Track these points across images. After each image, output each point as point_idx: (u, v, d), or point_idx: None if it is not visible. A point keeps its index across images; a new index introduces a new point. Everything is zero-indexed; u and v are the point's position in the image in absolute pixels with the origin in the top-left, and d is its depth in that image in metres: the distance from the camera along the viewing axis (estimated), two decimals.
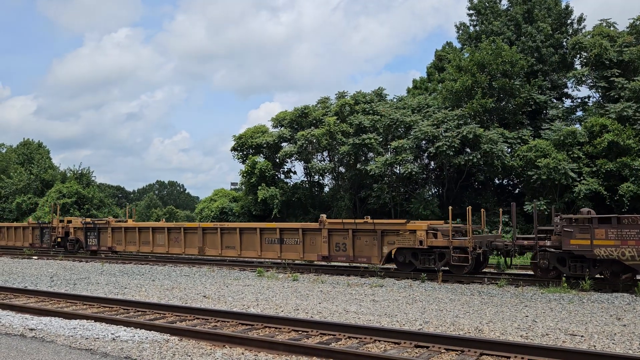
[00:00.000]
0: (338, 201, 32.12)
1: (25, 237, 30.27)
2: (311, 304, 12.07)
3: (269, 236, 20.30)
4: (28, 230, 30.25)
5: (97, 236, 26.20)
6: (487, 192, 29.59)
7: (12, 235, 31.21)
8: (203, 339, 8.60)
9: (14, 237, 31.09)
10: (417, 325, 9.77)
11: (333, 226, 18.83)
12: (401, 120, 30.37)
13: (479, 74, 29.69)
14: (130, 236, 25.00)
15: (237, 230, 21.16)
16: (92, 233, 26.47)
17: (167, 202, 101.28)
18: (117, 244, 25.42)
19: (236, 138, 36.68)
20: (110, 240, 25.60)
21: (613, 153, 25.27)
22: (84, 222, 26.94)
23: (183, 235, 22.76)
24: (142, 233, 24.54)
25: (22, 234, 30.54)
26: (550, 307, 11.67)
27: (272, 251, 20.21)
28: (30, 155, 62.57)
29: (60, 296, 12.96)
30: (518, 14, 34.88)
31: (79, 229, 27.24)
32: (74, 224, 27.62)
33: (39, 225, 29.90)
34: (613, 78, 27.71)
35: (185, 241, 22.77)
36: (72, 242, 27.67)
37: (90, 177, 50.88)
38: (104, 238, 26.02)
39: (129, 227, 25.30)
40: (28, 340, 8.72)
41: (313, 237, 19.24)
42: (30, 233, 29.94)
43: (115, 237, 25.51)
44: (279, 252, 19.93)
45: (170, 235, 23.33)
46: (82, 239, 26.85)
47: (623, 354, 7.29)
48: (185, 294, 13.74)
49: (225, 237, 21.53)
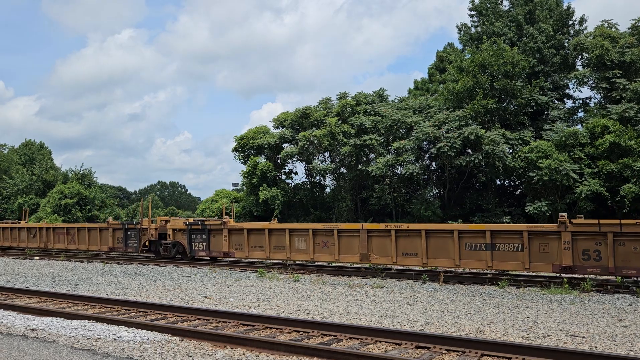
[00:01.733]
0: (339, 202, 32.13)
1: (104, 239, 26.33)
2: (312, 305, 12.08)
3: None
4: (107, 232, 26.21)
5: (206, 239, 22.30)
6: (488, 193, 29.57)
7: (85, 237, 27.09)
8: (204, 339, 8.61)
9: (87, 240, 26.97)
10: (418, 326, 9.77)
11: (580, 228, 14.82)
12: (402, 121, 30.38)
13: (481, 75, 29.69)
14: (256, 239, 20.84)
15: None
16: (200, 235, 22.65)
17: (168, 202, 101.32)
18: (236, 249, 21.37)
19: (237, 139, 36.72)
20: (227, 244, 21.59)
21: (615, 154, 25.24)
22: (189, 223, 23.06)
23: (337, 239, 18.56)
24: (273, 236, 20.37)
25: (98, 236, 26.51)
26: (552, 308, 11.66)
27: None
28: (32, 156, 62.74)
29: (62, 296, 12.98)
30: (519, 15, 34.88)
31: (180, 231, 23.31)
32: (174, 225, 23.61)
33: (122, 226, 25.78)
34: (615, 79, 27.70)
35: (343, 245, 18.55)
36: (168, 246, 23.66)
37: (91, 178, 50.96)
38: (216, 242, 22.08)
39: (253, 228, 21.23)
40: (30, 340, 8.74)
41: (544, 243, 15.30)
42: (110, 235, 25.92)
43: (233, 240, 21.47)
44: (489, 259, 15.90)
45: (316, 239, 19.19)
46: (185, 242, 22.96)
47: (624, 355, 7.29)
48: (186, 295, 13.75)
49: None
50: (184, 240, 23.11)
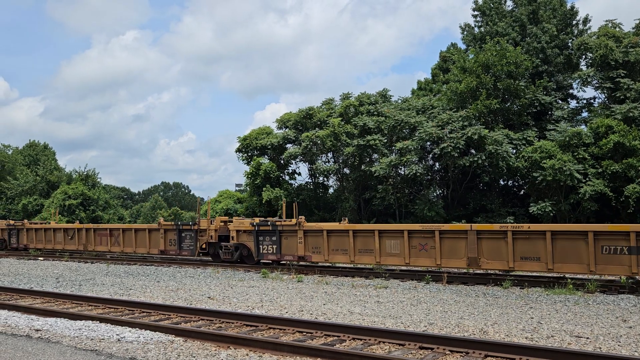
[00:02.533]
0: (342, 202, 32.12)
1: (153, 241, 24.23)
2: (315, 305, 12.07)
3: None
4: (158, 233, 24.00)
5: (277, 241, 20.08)
6: (492, 194, 29.51)
7: (132, 239, 24.99)
8: (208, 340, 8.62)
9: (134, 242, 24.90)
10: (421, 326, 9.76)
11: None
12: (406, 122, 30.35)
13: (484, 75, 29.64)
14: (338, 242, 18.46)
15: None
16: (269, 237, 20.31)
17: (172, 203, 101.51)
18: (313, 252, 19.18)
19: (241, 139, 36.75)
20: (302, 247, 19.27)
21: (619, 154, 25.16)
22: (256, 223, 20.73)
23: (438, 241, 16.54)
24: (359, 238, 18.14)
25: (147, 238, 24.38)
26: (556, 309, 11.62)
27: None
28: (36, 157, 62.95)
29: (66, 297, 13.01)
30: (523, 15, 34.80)
31: (246, 232, 21.06)
32: (238, 225, 21.31)
33: (176, 227, 23.63)
34: (619, 79, 27.61)
35: (446, 249, 16.51)
36: (230, 250, 21.50)
37: (95, 179, 51.12)
38: (289, 244, 19.77)
39: (335, 229, 18.80)
40: (34, 340, 8.76)
41: None
42: (161, 237, 23.74)
43: (309, 242, 19.32)
44: (634, 265, 13.95)
45: (412, 242, 17.04)
46: (252, 245, 20.73)
47: (629, 356, 7.26)
48: (190, 295, 13.77)
49: None
50: (249, 242, 20.94)
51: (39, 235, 29.54)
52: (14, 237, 30.80)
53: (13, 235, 30.89)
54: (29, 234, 30.05)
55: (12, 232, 30.93)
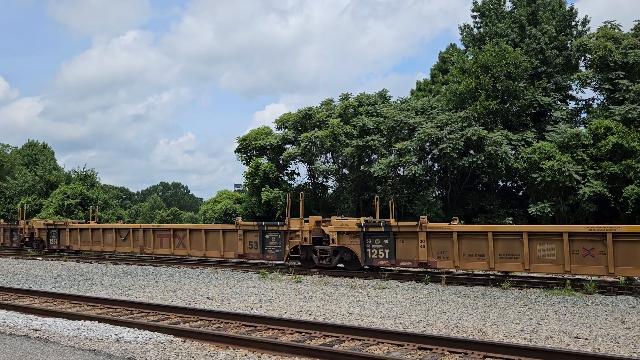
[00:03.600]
0: (342, 203, 32.12)
1: (229, 244, 21.50)
2: (314, 306, 12.07)
3: None
4: (235, 234, 21.26)
5: (390, 245, 17.44)
6: (491, 194, 29.53)
7: (201, 241, 22.15)
8: (206, 340, 8.61)
9: (203, 245, 22.10)
10: (420, 327, 9.76)
11: None
12: (405, 122, 30.36)
13: (483, 76, 29.66)
14: (473, 245, 16.12)
15: None
16: (379, 240, 17.82)
17: (170, 203, 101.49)
18: (439, 257, 16.65)
19: (240, 140, 36.75)
20: (425, 251, 16.84)
21: (617, 155, 25.18)
22: (363, 224, 18.24)
23: (611, 246, 14.25)
24: (500, 241, 15.74)
25: (221, 240, 21.50)
26: (554, 310, 11.63)
27: None
28: (35, 157, 62.89)
29: (65, 297, 13.00)
30: (522, 16, 34.84)
31: (349, 234, 18.45)
32: (339, 226, 18.71)
33: (259, 227, 20.74)
34: (618, 80, 27.65)
35: (620, 254, 14.24)
36: (327, 253, 18.85)
37: (94, 179, 51.10)
38: (406, 248, 17.26)
39: (469, 231, 16.39)
40: (32, 340, 8.75)
41: None
42: (239, 239, 21.04)
43: (433, 246, 16.71)
44: None
45: (574, 246, 14.77)
46: (357, 248, 18.20)
47: (628, 357, 7.27)
48: (188, 295, 13.76)
49: None
50: (354, 245, 18.35)
51: (84, 236, 27.07)
52: (54, 237, 28.46)
53: (53, 236, 28.55)
54: (73, 235, 27.64)
55: (52, 232, 28.59)
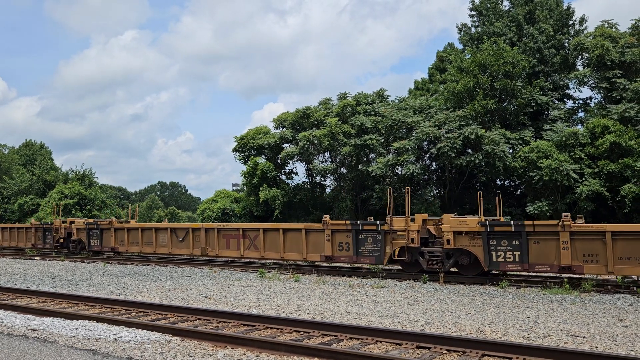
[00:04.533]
0: (340, 202, 32.12)
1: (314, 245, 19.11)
2: (313, 305, 12.07)
3: None
4: (321, 234, 18.98)
5: (521, 247, 15.43)
6: (489, 193, 29.55)
7: (278, 242, 19.95)
8: (205, 339, 8.60)
9: (281, 246, 19.84)
10: (418, 326, 9.77)
11: None
12: (403, 121, 30.38)
13: (481, 75, 29.69)
14: None
15: None
16: (509, 241, 15.69)
17: (168, 203, 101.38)
18: (622, 263, 14.16)
19: (238, 139, 36.73)
20: (611, 257, 14.22)
21: (615, 154, 25.24)
22: (487, 223, 16.04)
23: None
24: None
25: (303, 241, 19.30)
26: (552, 308, 11.65)
27: None
28: (33, 156, 62.79)
29: (62, 297, 12.97)
30: (519, 15, 34.88)
31: (468, 234, 16.32)
32: (457, 225, 16.49)
33: (352, 226, 18.36)
34: (615, 79, 27.70)
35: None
36: (438, 257, 16.66)
37: (92, 178, 51.00)
38: (541, 251, 15.24)
39: None
40: (30, 340, 8.74)
41: None
42: (327, 239, 18.67)
43: (620, 249, 14.22)
44: None
45: None
46: (479, 251, 16.07)
47: (625, 355, 7.28)
48: (187, 295, 13.75)
49: None
50: (474, 247, 16.13)
51: (133, 237, 24.74)
52: (96, 238, 26.41)
53: (94, 236, 26.47)
54: (119, 235, 25.37)
55: (93, 232, 26.51)
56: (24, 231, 31.02)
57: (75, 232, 27.52)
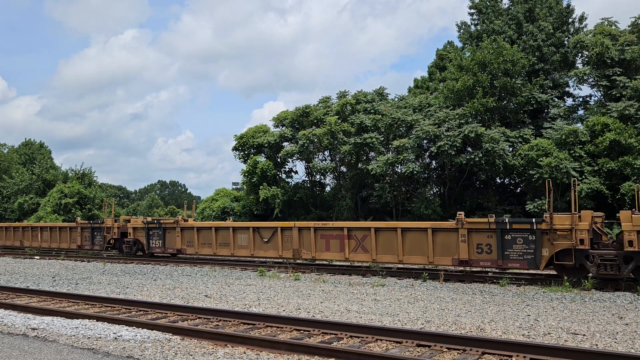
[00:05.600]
0: (339, 201, 32.12)
1: (443, 246, 16.68)
2: (313, 304, 12.08)
3: None
4: (452, 234, 16.50)
5: None
6: (488, 192, 29.56)
7: (395, 243, 17.48)
8: (205, 338, 8.61)
9: (399, 248, 17.37)
10: (418, 324, 9.77)
11: None
12: (402, 120, 30.36)
13: (480, 73, 29.66)
14: None
15: None
16: None
17: (168, 202, 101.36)
18: None
19: (237, 138, 36.71)
20: None
21: (615, 152, 25.23)
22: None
23: None
24: None
25: (428, 241, 16.81)
26: (552, 306, 11.66)
27: None
28: (32, 156, 62.76)
29: (62, 296, 12.98)
30: (519, 13, 34.85)
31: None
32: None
33: (496, 225, 15.79)
34: (615, 77, 27.68)
35: None
36: (614, 263, 14.09)
37: (92, 177, 51.00)
38: None
39: None
40: (30, 339, 8.74)
41: None
42: (462, 239, 16.18)
43: None
44: None
45: None
46: None
47: (625, 352, 7.28)
48: (187, 294, 13.75)
49: None
50: None
51: (204, 237, 22.20)
52: (157, 238, 23.93)
53: (155, 237, 23.99)
54: (186, 235, 22.83)
55: (154, 231, 24.05)
56: (68, 231, 28.30)
57: (131, 231, 24.88)
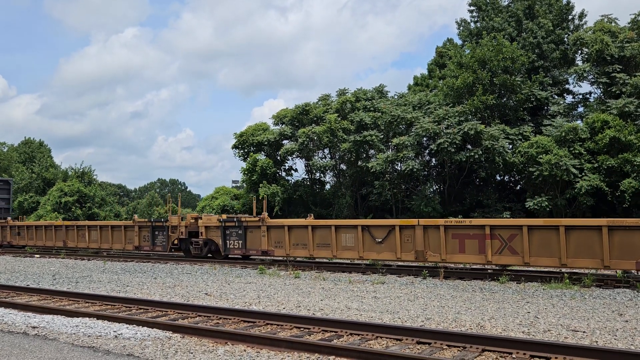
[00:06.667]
0: (339, 198, 32.12)
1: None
2: (313, 301, 12.08)
3: None
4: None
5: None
6: (488, 189, 29.56)
7: (554, 243, 15.05)
8: (205, 336, 8.61)
9: (563, 249, 14.88)
10: (418, 321, 9.77)
11: None
12: (402, 117, 30.35)
13: (480, 71, 29.64)
14: None
15: None
16: None
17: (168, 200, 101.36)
18: None
19: (237, 136, 36.69)
20: None
21: (614, 149, 25.22)
22: None
23: None
24: None
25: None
26: (552, 303, 11.66)
27: None
28: (32, 154, 62.73)
29: (63, 294, 12.98)
30: (519, 10, 34.80)
31: None
32: None
33: None
34: (614, 74, 27.65)
35: None
36: None
37: (91, 176, 51.01)
38: None
39: None
40: (30, 338, 8.74)
41: None
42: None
43: None
44: None
45: None
46: None
47: (625, 349, 7.29)
48: (187, 292, 13.76)
49: None
50: None
51: (297, 236, 19.30)
52: (236, 238, 21.15)
53: (233, 236, 21.24)
54: (274, 235, 19.95)
55: (232, 230, 21.28)
56: (122, 230, 25.71)
57: (203, 230, 22.22)
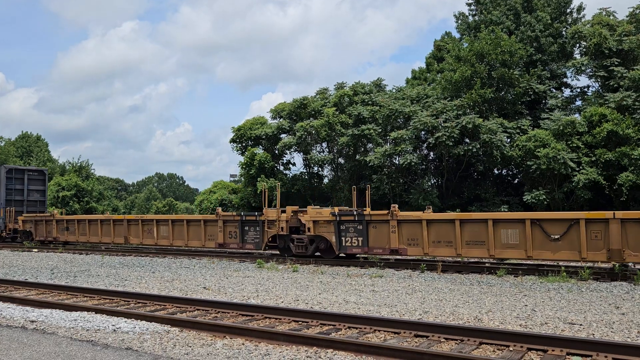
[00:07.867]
0: (337, 192, 32.14)
1: None
2: (311, 295, 12.11)
3: None
4: None
5: None
6: (486, 183, 29.59)
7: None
8: (203, 329, 8.63)
9: None
10: (416, 315, 9.81)
11: None
12: (400, 111, 30.32)
13: (478, 64, 29.59)
14: None
15: None
16: None
17: (166, 194, 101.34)
18: None
19: (235, 130, 36.64)
20: None
21: (612, 143, 25.24)
22: None
23: None
24: None
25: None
26: (549, 296, 11.71)
27: None
28: (29, 148, 62.59)
29: (61, 288, 12.98)
30: (517, 4, 34.72)
31: None
32: None
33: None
34: (612, 67, 27.64)
35: None
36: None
37: (89, 170, 50.93)
38: None
39: None
40: (29, 332, 8.75)
41: None
42: None
43: None
44: None
45: None
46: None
47: (622, 342, 7.33)
48: (185, 286, 13.77)
49: None
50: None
51: (438, 232, 16.55)
52: (355, 235, 18.21)
53: (350, 232, 18.29)
54: (407, 230, 17.18)
55: (348, 225, 18.36)
56: (201, 225, 22.35)
57: (310, 226, 19.11)
